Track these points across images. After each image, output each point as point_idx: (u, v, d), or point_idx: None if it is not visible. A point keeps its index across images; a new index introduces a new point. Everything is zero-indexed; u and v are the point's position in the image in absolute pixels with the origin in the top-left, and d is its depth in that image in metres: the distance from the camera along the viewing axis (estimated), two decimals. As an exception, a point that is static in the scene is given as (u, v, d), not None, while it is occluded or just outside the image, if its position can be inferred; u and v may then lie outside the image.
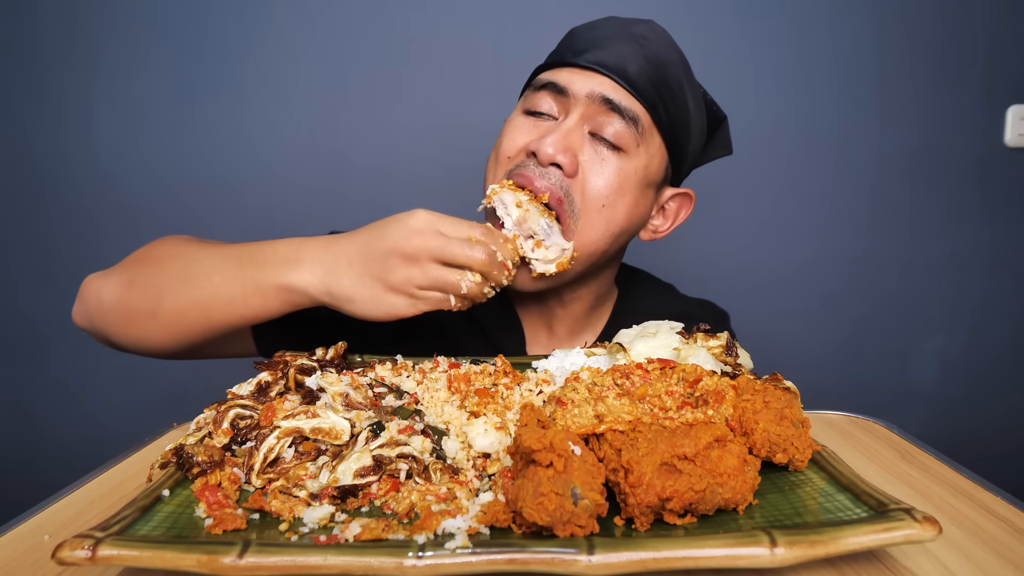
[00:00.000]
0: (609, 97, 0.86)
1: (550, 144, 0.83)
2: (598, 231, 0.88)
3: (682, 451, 0.51)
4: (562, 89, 0.87)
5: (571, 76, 0.87)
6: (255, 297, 0.77)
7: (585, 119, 0.87)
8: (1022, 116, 1.72)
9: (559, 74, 0.89)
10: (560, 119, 0.88)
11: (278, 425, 0.59)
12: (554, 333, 1.03)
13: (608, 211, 0.87)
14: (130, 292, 0.81)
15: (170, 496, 0.54)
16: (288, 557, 0.43)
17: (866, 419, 0.85)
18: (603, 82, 0.86)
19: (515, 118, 0.92)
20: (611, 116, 0.86)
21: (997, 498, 0.61)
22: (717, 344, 0.72)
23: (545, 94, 0.89)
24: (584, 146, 0.87)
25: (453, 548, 0.44)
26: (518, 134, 0.89)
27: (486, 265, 0.74)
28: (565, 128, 0.86)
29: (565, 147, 0.84)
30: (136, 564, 0.43)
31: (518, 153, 0.88)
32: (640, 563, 0.43)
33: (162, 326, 0.80)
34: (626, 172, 0.87)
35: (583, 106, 0.87)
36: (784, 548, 0.44)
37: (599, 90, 0.86)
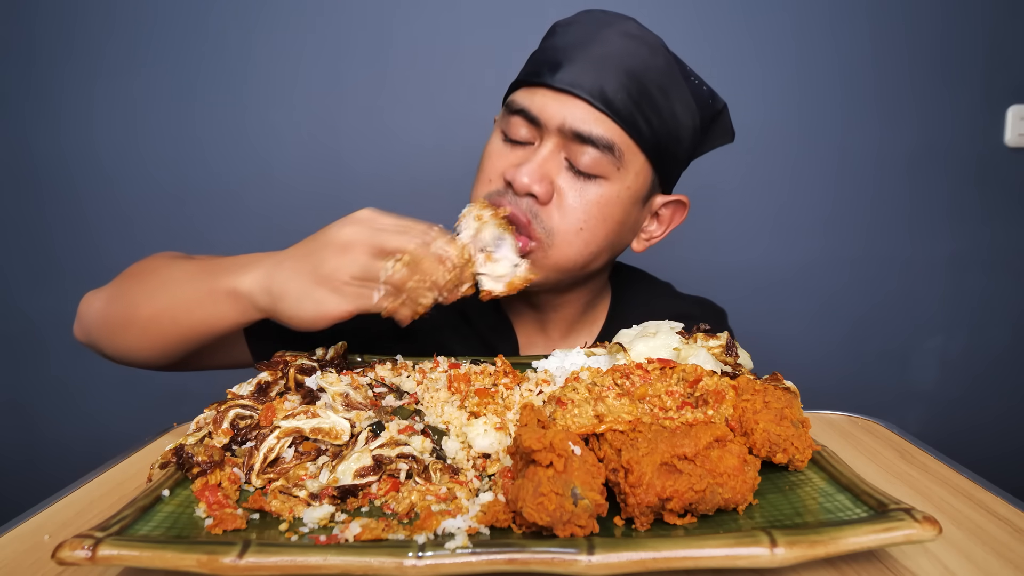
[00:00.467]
0: (580, 131, 0.83)
1: (525, 174, 0.83)
2: (575, 250, 0.87)
3: (682, 451, 0.51)
4: (534, 118, 0.85)
5: (544, 102, 0.84)
6: (208, 303, 0.75)
7: (560, 147, 0.85)
8: (1022, 116, 1.72)
9: (533, 98, 0.85)
10: (535, 144, 0.87)
11: (278, 425, 0.59)
12: (548, 336, 1.02)
13: (586, 234, 0.87)
14: (110, 305, 0.84)
15: (170, 496, 0.54)
16: (288, 557, 0.43)
17: (866, 419, 0.85)
18: (576, 108, 0.83)
19: (494, 142, 0.91)
20: (584, 147, 0.84)
21: (997, 498, 0.61)
22: (717, 344, 0.72)
23: (520, 121, 0.87)
24: (560, 172, 0.85)
25: (453, 548, 0.44)
26: (497, 160, 0.88)
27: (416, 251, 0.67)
28: (540, 158, 0.84)
29: (540, 176, 0.83)
30: (136, 564, 0.43)
31: (497, 179, 0.88)
32: (640, 563, 0.43)
33: (139, 335, 0.81)
34: (606, 198, 0.86)
35: (556, 135, 0.84)
36: (784, 548, 0.44)
37: (570, 122, 0.83)
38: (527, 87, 0.87)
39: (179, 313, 0.78)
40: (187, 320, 0.77)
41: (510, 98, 0.90)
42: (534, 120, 0.85)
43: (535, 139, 0.87)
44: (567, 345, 1.02)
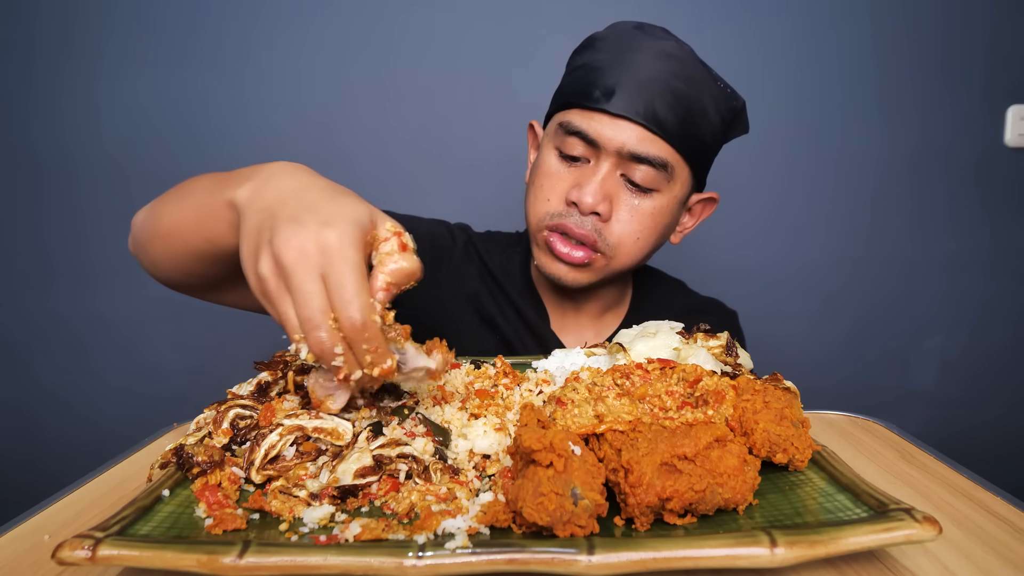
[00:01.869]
0: (637, 153, 0.90)
1: (589, 195, 0.91)
2: (631, 256, 0.97)
3: (682, 451, 0.51)
4: (593, 141, 0.92)
5: (600, 126, 0.91)
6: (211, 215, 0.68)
7: (616, 165, 0.93)
8: (1022, 116, 1.72)
9: (591, 123, 0.91)
10: (592, 163, 0.94)
11: (281, 422, 0.59)
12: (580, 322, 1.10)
13: (641, 242, 0.96)
14: (145, 216, 0.81)
15: (170, 496, 0.54)
16: (288, 557, 0.43)
17: (866, 419, 0.85)
18: (632, 132, 0.90)
19: (551, 161, 0.96)
20: (640, 165, 0.91)
21: (997, 498, 0.61)
22: (717, 344, 0.72)
23: (576, 141, 0.93)
24: (619, 189, 0.93)
25: (453, 548, 0.44)
26: (557, 181, 0.95)
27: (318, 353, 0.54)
28: (600, 178, 0.92)
29: (603, 196, 0.91)
30: (136, 564, 0.43)
31: (557, 199, 0.95)
32: (640, 563, 0.43)
33: (161, 248, 0.77)
34: (658, 208, 0.95)
35: (614, 156, 0.92)
36: (784, 548, 0.44)
37: (628, 145, 0.90)
38: (580, 109, 0.93)
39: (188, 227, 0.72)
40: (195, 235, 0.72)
41: (566, 119, 0.94)
42: (592, 142, 0.92)
43: (590, 157, 0.94)
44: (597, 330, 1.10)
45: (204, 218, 0.69)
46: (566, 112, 0.95)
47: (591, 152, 0.93)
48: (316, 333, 0.53)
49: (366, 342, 0.54)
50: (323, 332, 0.53)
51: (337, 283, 0.53)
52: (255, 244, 0.57)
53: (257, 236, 0.57)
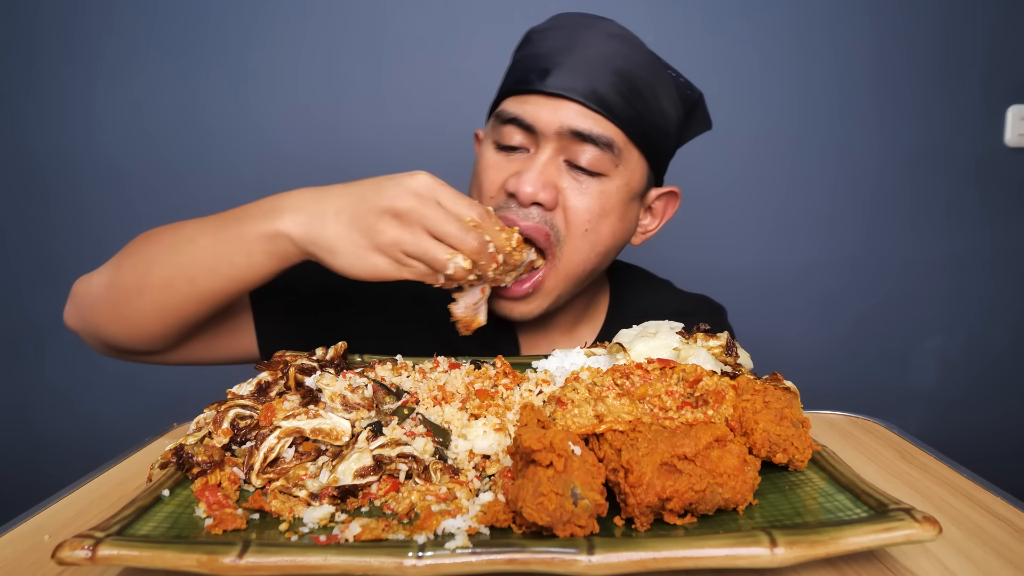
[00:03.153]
0: (579, 130, 0.83)
1: (528, 183, 0.82)
2: (583, 254, 0.88)
3: (682, 451, 0.51)
4: (529, 126, 0.84)
5: (537, 108, 0.83)
6: (239, 253, 0.72)
7: (558, 151, 0.85)
8: (1022, 116, 1.72)
9: (525, 106, 0.84)
10: (532, 151, 0.86)
11: (279, 425, 0.59)
12: (550, 337, 1.02)
13: (592, 235, 0.87)
14: (118, 274, 0.79)
15: (170, 496, 0.54)
16: (288, 557, 0.43)
17: (866, 419, 0.85)
18: (571, 110, 0.82)
19: (488, 154, 0.89)
20: (584, 145, 0.84)
21: (997, 498, 0.61)
22: (717, 344, 0.72)
23: (513, 129, 0.85)
24: (562, 175, 0.85)
25: (453, 548, 0.44)
26: (494, 173, 0.87)
27: (475, 253, 0.70)
28: (540, 163, 0.84)
29: (543, 183, 0.83)
30: (136, 564, 0.43)
31: (498, 192, 0.87)
32: (640, 563, 0.43)
33: (150, 303, 0.76)
34: (607, 194, 0.86)
35: (554, 139, 0.84)
36: (784, 548, 0.44)
37: (568, 123, 0.82)
38: (516, 96, 0.86)
39: (199, 271, 0.74)
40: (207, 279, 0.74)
41: (500, 107, 0.88)
42: (528, 127, 0.84)
43: (530, 145, 0.86)
44: (569, 345, 1.02)
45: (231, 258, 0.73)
46: (502, 103, 0.89)
47: (530, 140, 0.86)
48: (466, 239, 0.68)
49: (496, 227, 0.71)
50: (470, 236, 0.68)
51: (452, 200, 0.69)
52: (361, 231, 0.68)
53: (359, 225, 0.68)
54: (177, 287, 0.75)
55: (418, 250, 0.68)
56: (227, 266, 0.73)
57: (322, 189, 0.73)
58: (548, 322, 1.01)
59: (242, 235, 0.72)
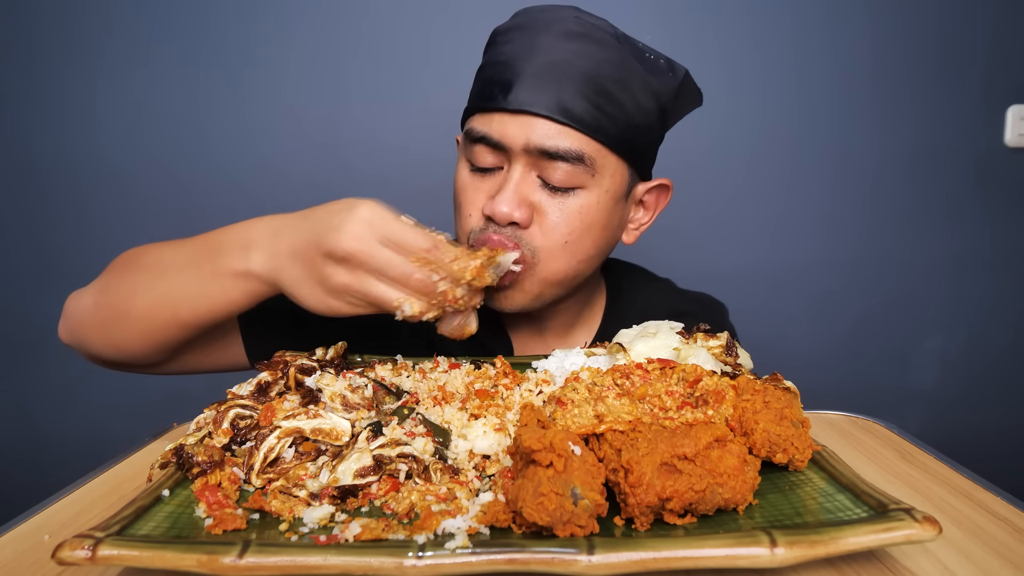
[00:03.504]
0: (546, 148, 0.79)
1: (503, 203, 0.80)
2: (562, 263, 0.85)
3: (682, 451, 0.51)
4: (496, 143, 0.82)
5: (503, 125, 0.81)
6: (214, 288, 0.73)
7: (530, 166, 0.82)
8: (1022, 116, 1.72)
9: (491, 124, 0.82)
10: (504, 168, 0.84)
11: (279, 425, 0.59)
12: (545, 340, 1.01)
13: (572, 246, 0.85)
14: (104, 296, 0.80)
15: (170, 496, 0.54)
16: (288, 557, 0.43)
17: (866, 419, 0.85)
18: (538, 127, 0.79)
19: (463, 174, 0.88)
20: (554, 163, 0.80)
21: (997, 498, 0.61)
22: (717, 344, 0.72)
23: (482, 148, 0.83)
24: (536, 190, 0.83)
25: (453, 548, 0.44)
26: (472, 194, 0.86)
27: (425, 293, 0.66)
28: (513, 183, 0.81)
29: (518, 202, 0.81)
30: (136, 564, 0.43)
31: (476, 213, 0.85)
32: (640, 563, 0.43)
33: (136, 327, 0.78)
34: (586, 208, 0.83)
35: (523, 156, 0.81)
36: (784, 548, 0.44)
37: (535, 141, 0.79)
38: (482, 112, 0.84)
39: (180, 301, 0.75)
40: (189, 308, 0.75)
41: (468, 126, 0.86)
42: (497, 145, 0.82)
43: (502, 163, 0.84)
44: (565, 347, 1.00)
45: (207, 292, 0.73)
46: (470, 119, 0.86)
47: (501, 157, 0.83)
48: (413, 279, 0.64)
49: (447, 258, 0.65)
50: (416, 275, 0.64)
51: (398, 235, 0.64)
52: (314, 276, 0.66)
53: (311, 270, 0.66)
54: (160, 315, 0.76)
55: (367, 296, 0.66)
56: (204, 299, 0.74)
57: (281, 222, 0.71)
58: (542, 325, 0.99)
59: (216, 270, 0.72)
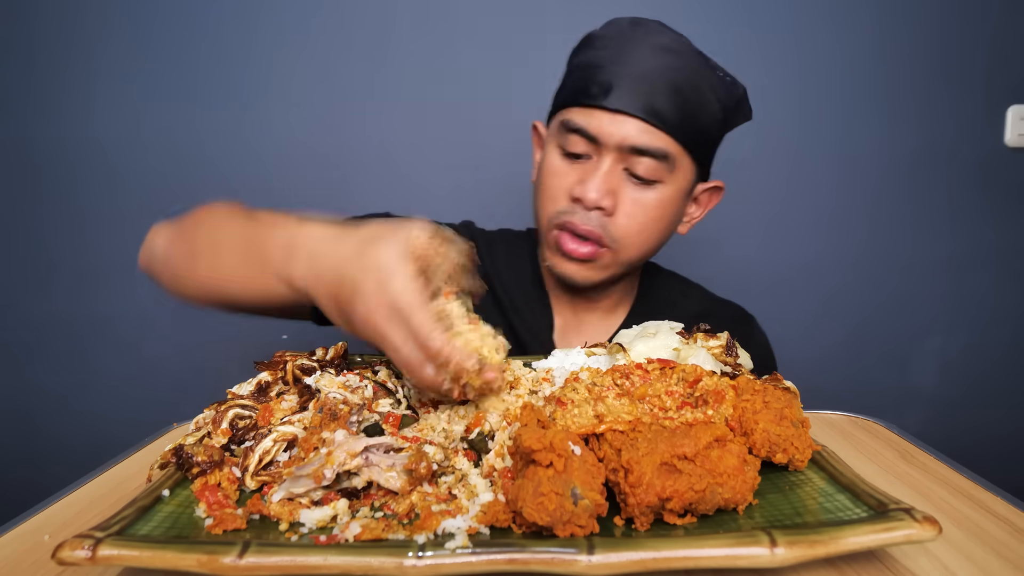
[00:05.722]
0: (638, 146, 0.91)
1: (593, 190, 0.92)
2: (635, 250, 0.98)
3: (682, 451, 0.51)
4: (593, 137, 0.93)
5: (600, 121, 0.92)
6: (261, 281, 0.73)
7: (618, 160, 0.93)
8: (1022, 116, 1.72)
9: (590, 119, 0.93)
10: (595, 159, 0.95)
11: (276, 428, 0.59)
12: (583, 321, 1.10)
13: (645, 234, 0.97)
14: (174, 249, 0.82)
15: (170, 496, 0.54)
16: (288, 557, 0.43)
17: (866, 419, 0.85)
18: (631, 126, 0.91)
19: (554, 160, 0.97)
20: (642, 157, 0.92)
21: (997, 498, 0.61)
22: (717, 344, 0.72)
23: (577, 138, 0.94)
24: (622, 183, 0.94)
25: (453, 548, 0.44)
26: (560, 179, 0.96)
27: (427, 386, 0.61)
28: (602, 172, 0.93)
29: (606, 191, 0.93)
30: (136, 564, 0.43)
31: (563, 196, 0.96)
32: (640, 563, 0.43)
33: (199, 288, 0.80)
34: (662, 201, 0.96)
35: (615, 150, 0.93)
36: (784, 548, 0.44)
37: (629, 139, 0.91)
38: (580, 107, 0.94)
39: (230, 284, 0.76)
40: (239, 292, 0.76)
41: (566, 117, 0.95)
42: (592, 138, 0.93)
43: (593, 153, 0.95)
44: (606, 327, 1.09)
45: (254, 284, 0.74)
46: (567, 111, 0.96)
47: (593, 148, 0.94)
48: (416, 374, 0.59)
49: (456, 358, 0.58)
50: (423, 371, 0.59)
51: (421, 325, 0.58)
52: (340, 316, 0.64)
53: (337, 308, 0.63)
54: (217, 287, 0.78)
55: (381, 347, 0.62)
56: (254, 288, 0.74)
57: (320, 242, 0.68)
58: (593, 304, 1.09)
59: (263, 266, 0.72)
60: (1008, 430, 1.85)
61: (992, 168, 1.75)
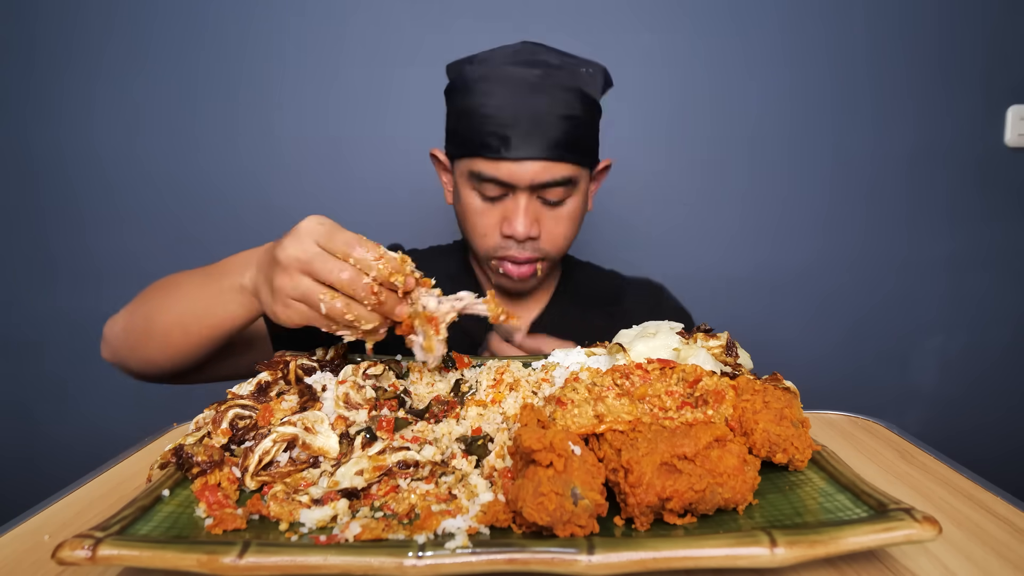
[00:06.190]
0: (545, 181, 1.00)
1: (520, 225, 1.02)
2: (564, 251, 1.11)
3: (682, 451, 0.51)
4: (504, 182, 1.01)
5: (510, 170, 0.99)
6: (217, 305, 0.80)
7: (531, 193, 1.02)
8: (1022, 116, 1.72)
9: (499, 168, 1.00)
10: (511, 196, 1.03)
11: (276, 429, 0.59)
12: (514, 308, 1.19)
13: (569, 238, 1.10)
14: (131, 320, 0.91)
15: (170, 496, 0.54)
16: (288, 557, 0.43)
17: (866, 419, 0.85)
18: (537, 168, 0.99)
19: (475, 203, 1.06)
20: (551, 188, 1.02)
21: (997, 498, 0.61)
22: (717, 344, 0.72)
23: (491, 185, 1.02)
24: (541, 210, 1.05)
25: (453, 548, 0.44)
26: (486, 219, 1.06)
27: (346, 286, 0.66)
28: (522, 208, 1.02)
29: (531, 222, 1.03)
30: (136, 564, 0.43)
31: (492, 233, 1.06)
32: (640, 563, 0.43)
33: (158, 346, 0.87)
34: (573, 210, 1.07)
35: (527, 189, 1.02)
36: (784, 548, 0.44)
37: (537, 179, 1.00)
38: (485, 159, 1.01)
39: (190, 319, 0.83)
40: (197, 325, 0.83)
41: (475, 169, 1.02)
42: (504, 183, 1.01)
43: (508, 192, 1.03)
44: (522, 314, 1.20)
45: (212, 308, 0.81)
46: (472, 161, 1.03)
47: (507, 189, 1.03)
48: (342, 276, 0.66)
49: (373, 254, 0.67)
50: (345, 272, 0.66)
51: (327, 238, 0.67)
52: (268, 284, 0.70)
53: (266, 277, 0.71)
54: (175, 333, 0.85)
55: (295, 292, 0.68)
56: (210, 316, 0.82)
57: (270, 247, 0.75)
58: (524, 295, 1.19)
59: (220, 288, 0.80)
60: (1008, 430, 1.85)
61: (992, 168, 1.75)
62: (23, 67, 1.61)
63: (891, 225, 1.76)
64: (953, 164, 1.74)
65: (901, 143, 1.73)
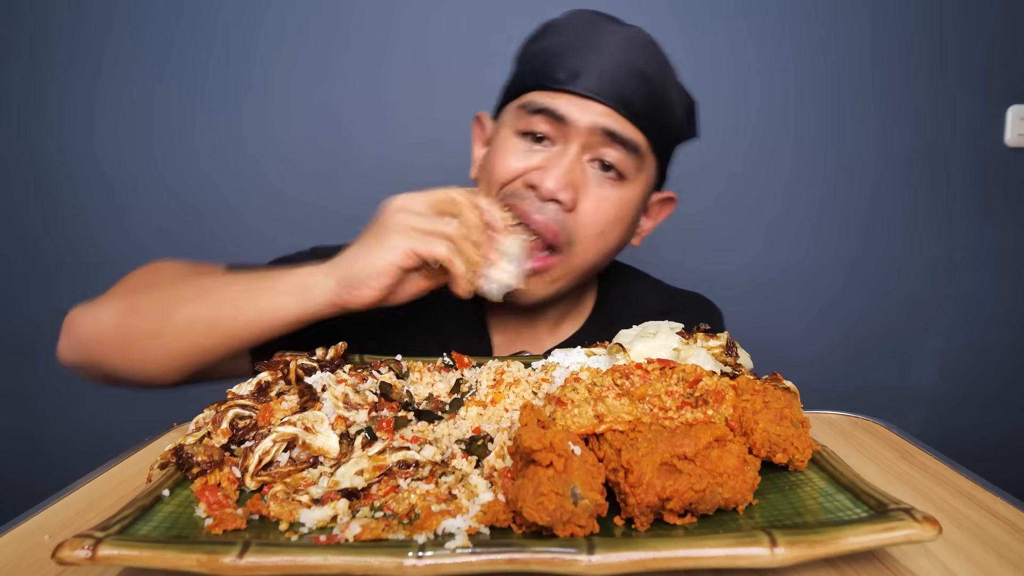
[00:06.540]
0: (612, 130, 0.83)
1: (551, 179, 0.82)
2: (591, 255, 0.89)
3: (682, 451, 0.51)
4: (561, 117, 0.83)
5: (569, 105, 0.83)
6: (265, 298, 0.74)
7: (585, 148, 0.85)
8: (1022, 116, 1.72)
9: (556, 101, 0.83)
10: (558, 146, 0.85)
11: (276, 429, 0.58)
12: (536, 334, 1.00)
13: (604, 238, 0.88)
14: (132, 316, 0.79)
15: (170, 496, 0.54)
16: (288, 557, 0.43)
17: (866, 419, 0.85)
18: (603, 112, 0.83)
19: (508, 139, 0.87)
20: (613, 146, 0.84)
21: (997, 498, 0.61)
22: (717, 344, 0.72)
23: (542, 118, 0.84)
24: (585, 177, 0.85)
25: (453, 548, 0.44)
26: (514, 159, 0.85)
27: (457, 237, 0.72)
28: (567, 161, 0.83)
29: (567, 183, 0.82)
30: (136, 564, 0.43)
31: (514, 180, 0.85)
32: (640, 563, 0.43)
33: (164, 346, 0.78)
34: (625, 200, 0.87)
35: (584, 136, 0.84)
36: (784, 548, 0.44)
37: (601, 121, 0.83)
38: (544, 91, 0.85)
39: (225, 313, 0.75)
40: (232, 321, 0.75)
41: (527, 98, 0.86)
42: (560, 119, 0.83)
43: (557, 139, 0.85)
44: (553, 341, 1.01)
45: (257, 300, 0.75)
46: (528, 95, 0.86)
47: (557, 132, 0.85)
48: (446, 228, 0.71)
49: None
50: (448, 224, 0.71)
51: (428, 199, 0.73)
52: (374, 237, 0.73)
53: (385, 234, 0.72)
54: (198, 329, 0.76)
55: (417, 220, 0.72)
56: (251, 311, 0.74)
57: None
58: (534, 319, 0.99)
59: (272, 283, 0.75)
60: (1008, 430, 1.85)
61: (992, 168, 1.75)
62: (23, 67, 1.61)
63: (892, 225, 1.76)
64: (953, 164, 1.74)
65: (902, 143, 1.73)
